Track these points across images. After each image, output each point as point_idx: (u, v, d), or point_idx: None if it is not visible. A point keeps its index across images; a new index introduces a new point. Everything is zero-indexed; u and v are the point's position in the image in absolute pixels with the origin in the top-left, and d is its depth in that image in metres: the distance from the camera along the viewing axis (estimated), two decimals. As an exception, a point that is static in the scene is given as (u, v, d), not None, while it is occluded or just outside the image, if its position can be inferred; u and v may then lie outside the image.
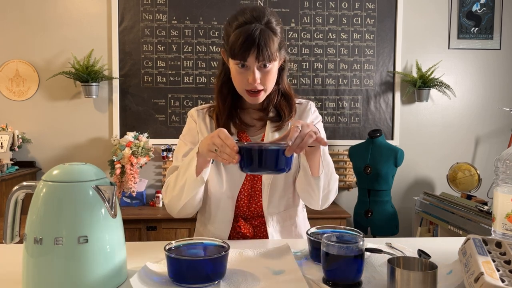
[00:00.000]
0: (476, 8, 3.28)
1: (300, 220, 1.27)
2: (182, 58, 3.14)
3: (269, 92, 1.15)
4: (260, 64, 1.07)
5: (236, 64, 1.08)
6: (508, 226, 0.97)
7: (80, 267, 0.74)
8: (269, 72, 1.10)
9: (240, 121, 1.21)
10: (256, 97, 1.12)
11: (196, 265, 0.80)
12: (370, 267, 0.90)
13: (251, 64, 1.07)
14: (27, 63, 3.08)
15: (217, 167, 1.19)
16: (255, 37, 1.03)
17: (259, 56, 1.05)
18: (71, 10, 3.09)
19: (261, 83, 1.10)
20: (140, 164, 2.95)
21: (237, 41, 1.04)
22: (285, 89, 1.22)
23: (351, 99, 3.24)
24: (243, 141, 1.19)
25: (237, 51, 1.05)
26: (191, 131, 1.24)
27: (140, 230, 2.81)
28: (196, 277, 0.80)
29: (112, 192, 0.79)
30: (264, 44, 1.04)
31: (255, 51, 1.04)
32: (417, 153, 3.30)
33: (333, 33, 3.21)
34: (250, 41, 1.03)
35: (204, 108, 1.26)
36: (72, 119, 3.12)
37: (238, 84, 1.13)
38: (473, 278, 0.71)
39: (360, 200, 2.96)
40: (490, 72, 3.32)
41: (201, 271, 0.80)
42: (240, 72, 1.09)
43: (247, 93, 1.12)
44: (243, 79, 1.09)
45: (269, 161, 0.90)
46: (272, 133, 1.18)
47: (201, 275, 0.80)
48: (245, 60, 1.06)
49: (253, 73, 1.07)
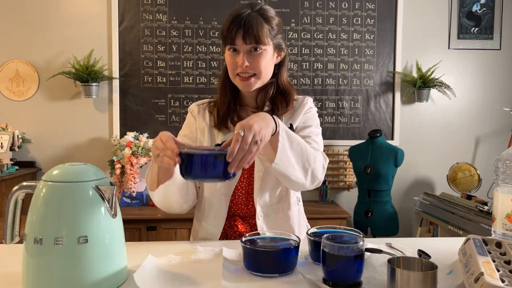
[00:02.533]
0: (476, 8, 3.28)
1: (294, 214, 1.23)
2: (182, 58, 3.14)
3: (262, 79, 1.14)
4: (250, 48, 1.10)
5: (228, 49, 1.12)
6: (508, 226, 0.97)
7: (80, 267, 0.74)
8: (260, 56, 1.11)
9: (238, 118, 1.20)
10: (247, 81, 1.12)
11: (209, 158, 0.83)
12: (370, 267, 0.90)
13: (240, 47, 1.10)
14: (27, 63, 3.08)
15: None
16: (241, 18, 1.08)
17: (246, 36, 1.08)
18: (71, 10, 3.09)
19: (251, 67, 1.10)
20: (140, 164, 2.95)
21: (226, 25, 1.10)
22: (283, 84, 1.21)
23: (351, 99, 3.24)
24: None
25: (226, 33, 1.10)
26: (189, 125, 1.25)
27: (140, 230, 2.81)
28: (207, 172, 0.83)
29: (112, 192, 0.79)
30: (251, 25, 1.07)
31: (241, 32, 1.08)
32: (417, 153, 3.30)
33: (333, 33, 3.21)
34: (236, 22, 1.08)
35: (204, 103, 1.27)
36: (72, 119, 3.12)
37: (230, 70, 1.14)
38: (473, 278, 0.71)
39: (360, 200, 2.96)
40: (490, 72, 3.32)
41: (213, 165, 0.83)
42: (232, 56, 1.12)
43: (239, 78, 1.12)
44: (234, 63, 1.11)
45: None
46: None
47: (213, 170, 0.83)
48: (233, 42, 1.09)
49: (242, 55, 1.09)
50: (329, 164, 3.22)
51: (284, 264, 0.86)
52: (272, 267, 0.85)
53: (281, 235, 0.95)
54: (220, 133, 1.19)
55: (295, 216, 1.24)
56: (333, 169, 3.24)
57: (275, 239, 0.94)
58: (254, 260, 0.86)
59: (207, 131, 1.20)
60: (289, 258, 0.86)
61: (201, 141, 1.21)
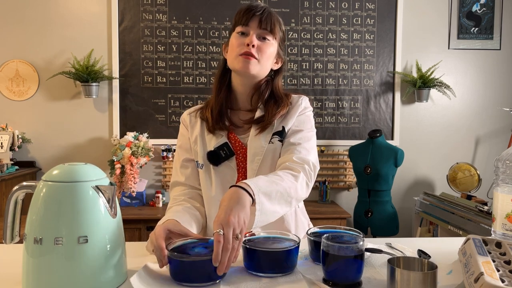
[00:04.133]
0: (476, 8, 3.28)
1: (288, 215, 1.20)
2: (182, 58, 3.14)
3: (261, 68, 1.14)
4: (261, 33, 1.13)
5: (237, 31, 1.14)
6: (508, 226, 0.97)
7: (80, 267, 0.74)
8: (267, 45, 1.14)
9: (230, 122, 1.20)
10: (248, 59, 1.11)
11: (197, 264, 0.80)
12: (370, 267, 0.90)
13: (252, 30, 1.12)
14: (27, 63, 3.08)
15: (206, 171, 1.18)
16: (260, 6, 1.14)
17: (262, 22, 1.12)
18: (71, 10, 3.09)
19: (257, 50, 1.12)
20: (140, 164, 2.95)
21: (242, 10, 1.14)
22: (277, 90, 1.21)
23: (351, 99, 3.24)
24: (232, 141, 1.18)
25: (242, 15, 1.13)
26: (182, 136, 1.25)
27: (140, 230, 2.81)
28: (196, 276, 0.80)
29: (112, 192, 0.79)
30: (269, 14, 1.13)
31: (259, 17, 1.12)
32: (417, 153, 3.30)
33: (333, 33, 3.21)
34: (255, 8, 1.13)
35: (196, 110, 1.26)
36: (72, 119, 3.12)
37: (233, 51, 1.14)
38: (473, 278, 0.71)
39: (360, 200, 2.96)
40: (490, 72, 3.32)
41: (202, 270, 0.80)
42: (239, 38, 1.13)
43: (241, 57, 1.12)
44: (240, 43, 1.12)
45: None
46: (255, 136, 1.16)
47: (202, 274, 0.80)
48: (247, 23, 1.12)
49: (252, 36, 1.11)
50: (329, 164, 3.22)
51: (284, 264, 0.86)
52: (272, 267, 0.85)
53: (281, 235, 0.95)
54: (213, 137, 1.19)
55: (290, 218, 1.21)
56: (333, 169, 3.24)
57: (275, 239, 0.94)
58: (254, 260, 0.86)
59: (199, 140, 1.21)
60: (289, 258, 0.86)
61: (195, 149, 1.21)
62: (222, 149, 1.16)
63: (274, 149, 1.15)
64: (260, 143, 1.15)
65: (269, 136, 1.16)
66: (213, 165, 1.17)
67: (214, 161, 1.16)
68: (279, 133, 1.16)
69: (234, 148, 1.18)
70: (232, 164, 1.17)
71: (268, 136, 1.16)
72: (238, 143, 1.18)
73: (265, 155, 1.14)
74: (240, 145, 1.18)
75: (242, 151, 1.18)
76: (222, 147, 1.16)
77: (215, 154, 1.16)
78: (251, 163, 1.14)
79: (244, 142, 1.18)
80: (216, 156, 1.16)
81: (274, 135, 1.16)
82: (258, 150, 1.14)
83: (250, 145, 1.16)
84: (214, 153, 1.16)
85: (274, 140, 1.15)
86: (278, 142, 1.16)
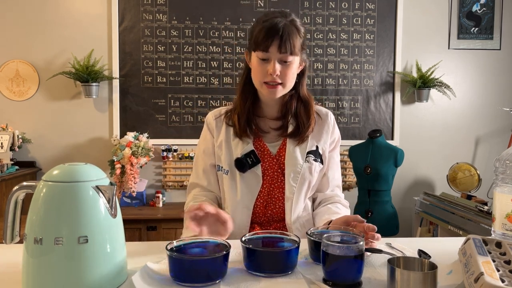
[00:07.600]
0: (476, 8, 3.28)
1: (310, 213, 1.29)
2: (182, 58, 3.14)
3: (287, 89, 1.17)
4: (281, 57, 1.11)
5: (258, 56, 1.12)
6: (508, 226, 0.97)
7: (80, 267, 0.74)
8: (289, 67, 1.13)
9: (257, 128, 1.22)
10: (274, 89, 1.13)
11: (197, 264, 0.80)
12: (370, 267, 0.90)
13: (273, 55, 1.10)
14: (27, 63, 3.08)
15: (232, 176, 1.20)
16: (278, 27, 1.09)
17: (282, 46, 1.09)
18: (71, 10, 3.09)
19: (280, 76, 1.12)
20: (140, 164, 2.95)
21: (261, 32, 1.09)
22: (304, 95, 1.24)
23: (351, 99, 3.24)
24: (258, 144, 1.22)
25: (260, 40, 1.10)
26: (206, 140, 1.27)
27: (140, 230, 2.81)
28: (196, 276, 0.80)
29: (112, 192, 0.79)
30: (288, 35, 1.09)
31: (278, 41, 1.09)
32: (417, 153, 3.30)
33: (333, 33, 3.21)
34: (274, 31, 1.08)
35: (221, 114, 1.27)
36: (72, 119, 3.12)
37: (257, 76, 1.15)
38: (473, 278, 0.71)
39: (360, 200, 2.96)
40: (490, 72, 3.32)
41: (202, 270, 0.80)
42: (261, 64, 1.12)
43: (265, 85, 1.13)
44: (263, 70, 1.12)
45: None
46: (294, 147, 1.20)
47: (201, 274, 0.80)
48: (267, 49, 1.10)
49: (273, 64, 1.10)
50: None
51: (284, 264, 0.86)
52: (272, 267, 0.85)
53: (281, 235, 0.95)
54: (239, 144, 1.21)
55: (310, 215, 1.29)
56: (333, 169, 3.24)
57: (275, 239, 0.94)
58: (254, 260, 0.86)
59: (224, 145, 1.22)
60: (289, 258, 0.86)
61: (218, 154, 1.23)
62: (249, 156, 1.19)
63: (310, 167, 1.20)
64: (298, 160, 1.19)
65: (304, 153, 1.20)
66: (239, 172, 1.20)
67: (241, 168, 1.19)
68: (313, 152, 1.22)
69: (261, 154, 1.21)
70: (258, 171, 1.19)
71: (303, 153, 1.20)
72: (266, 150, 1.21)
73: (302, 173, 1.19)
74: (267, 153, 1.21)
75: (269, 158, 1.21)
76: (249, 154, 1.19)
77: (242, 162, 1.19)
78: (289, 178, 1.19)
79: (272, 150, 1.22)
80: (242, 163, 1.19)
81: (308, 153, 1.21)
82: (296, 168, 1.19)
83: (288, 162, 1.19)
84: (241, 160, 1.19)
85: (309, 159, 1.21)
86: (314, 162, 1.21)
